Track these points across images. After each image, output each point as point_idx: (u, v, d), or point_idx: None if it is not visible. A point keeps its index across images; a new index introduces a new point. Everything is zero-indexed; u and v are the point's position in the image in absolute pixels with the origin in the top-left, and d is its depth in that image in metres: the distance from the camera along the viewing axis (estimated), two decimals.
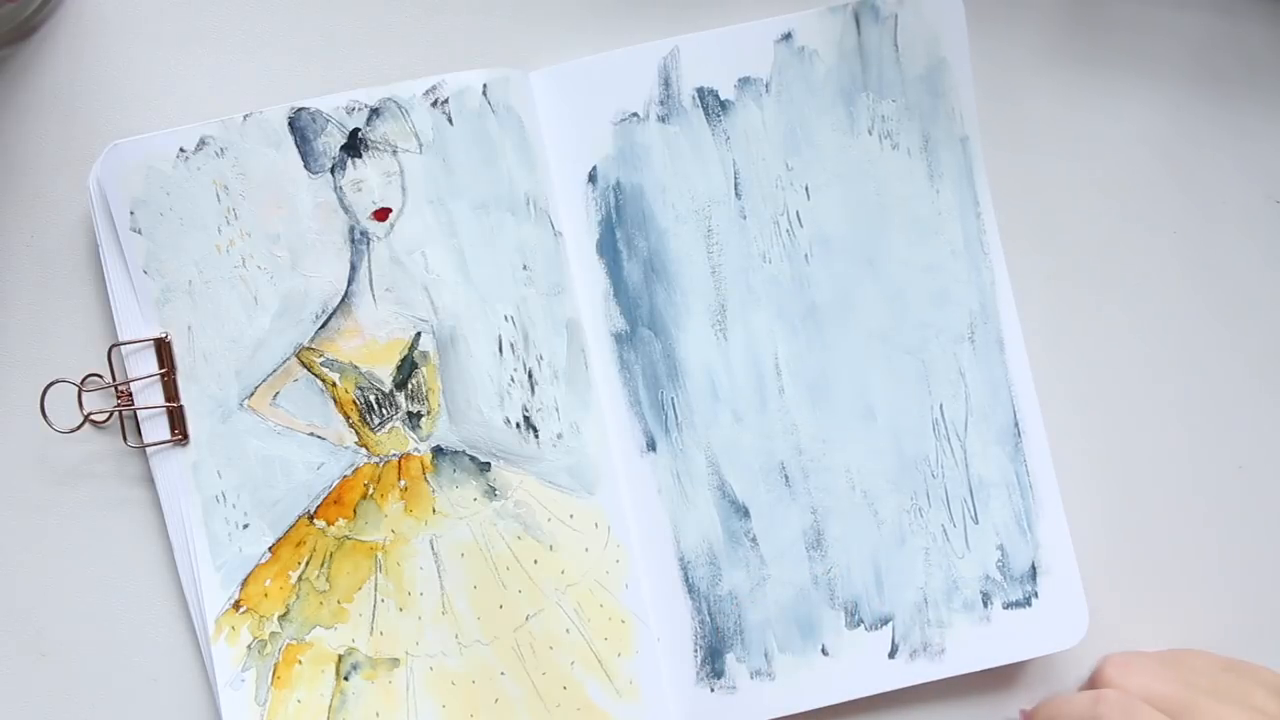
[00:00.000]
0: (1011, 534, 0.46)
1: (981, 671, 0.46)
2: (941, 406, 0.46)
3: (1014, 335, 0.47)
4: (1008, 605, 0.46)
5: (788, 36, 0.46)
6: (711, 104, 0.46)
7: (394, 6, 0.47)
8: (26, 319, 0.46)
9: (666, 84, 0.46)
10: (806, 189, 0.46)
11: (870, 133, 0.46)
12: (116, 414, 0.45)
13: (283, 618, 0.44)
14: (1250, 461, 0.49)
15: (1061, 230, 0.49)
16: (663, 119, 0.46)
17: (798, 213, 0.46)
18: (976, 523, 0.46)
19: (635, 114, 0.46)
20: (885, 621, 0.46)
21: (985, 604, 0.46)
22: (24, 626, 0.46)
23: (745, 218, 0.46)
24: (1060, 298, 0.49)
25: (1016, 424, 0.46)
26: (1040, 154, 0.49)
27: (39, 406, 0.44)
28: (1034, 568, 0.46)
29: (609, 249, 0.46)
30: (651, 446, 0.46)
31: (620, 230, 0.46)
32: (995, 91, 0.48)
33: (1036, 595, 0.46)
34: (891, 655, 0.46)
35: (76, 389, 0.45)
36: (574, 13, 0.47)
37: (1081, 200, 0.49)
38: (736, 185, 0.46)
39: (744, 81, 0.46)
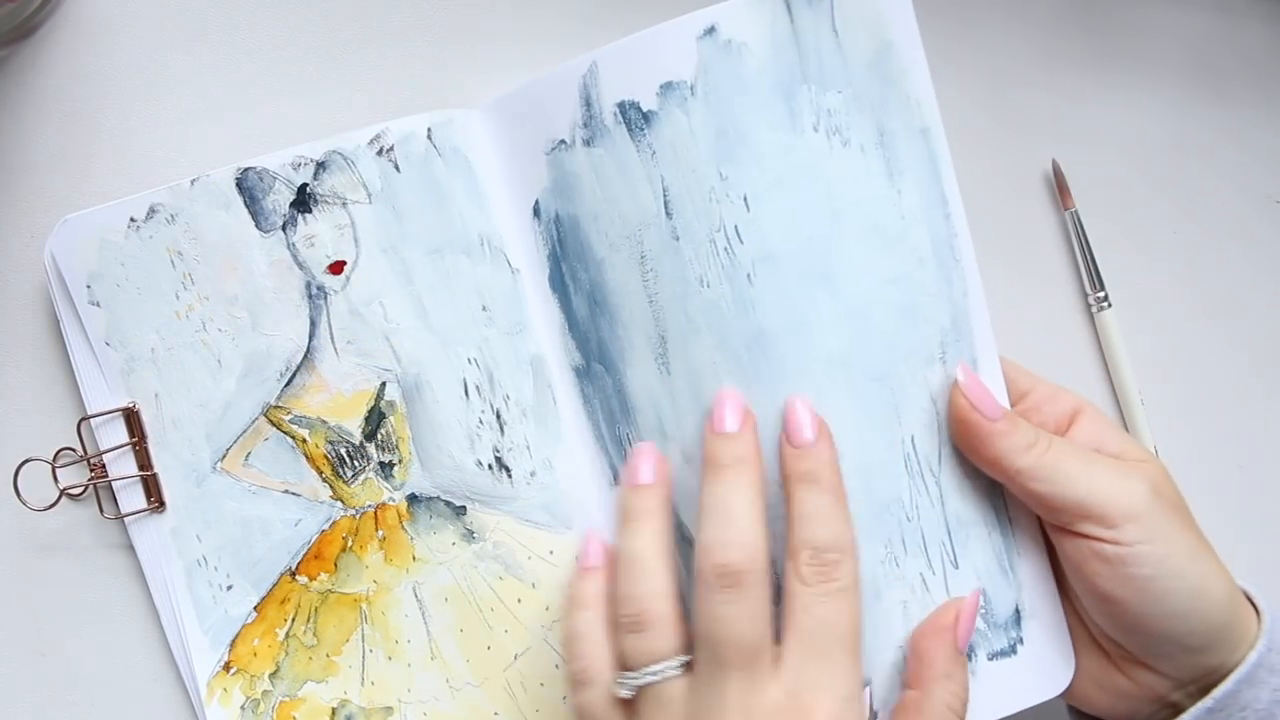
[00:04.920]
0: (993, 576, 0.42)
1: None
2: (913, 439, 0.41)
3: (988, 352, 0.42)
4: (993, 656, 0.42)
5: (711, 31, 0.39)
6: (634, 118, 0.40)
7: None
8: None
9: (588, 104, 0.41)
10: (745, 199, 0.40)
11: (815, 129, 0.40)
12: (91, 486, 0.45)
13: (274, 675, 0.45)
14: (1250, 461, 0.48)
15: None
16: (588, 142, 0.41)
17: (736, 227, 0.40)
18: (956, 567, 0.41)
19: (563, 141, 0.41)
20: (863, 686, 0.40)
21: (970, 657, 0.42)
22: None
23: (678, 239, 0.40)
24: (1060, 297, 0.48)
25: None
26: (1040, 153, 0.47)
27: (12, 486, 0.44)
28: (1018, 611, 0.42)
29: (558, 283, 0.43)
30: (619, 480, 0.43)
31: (565, 264, 0.43)
32: (996, 89, 0.46)
33: (1022, 641, 0.42)
34: None
35: (50, 466, 0.45)
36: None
37: (1081, 200, 0.47)
38: (667, 204, 0.40)
39: (666, 87, 0.40)
